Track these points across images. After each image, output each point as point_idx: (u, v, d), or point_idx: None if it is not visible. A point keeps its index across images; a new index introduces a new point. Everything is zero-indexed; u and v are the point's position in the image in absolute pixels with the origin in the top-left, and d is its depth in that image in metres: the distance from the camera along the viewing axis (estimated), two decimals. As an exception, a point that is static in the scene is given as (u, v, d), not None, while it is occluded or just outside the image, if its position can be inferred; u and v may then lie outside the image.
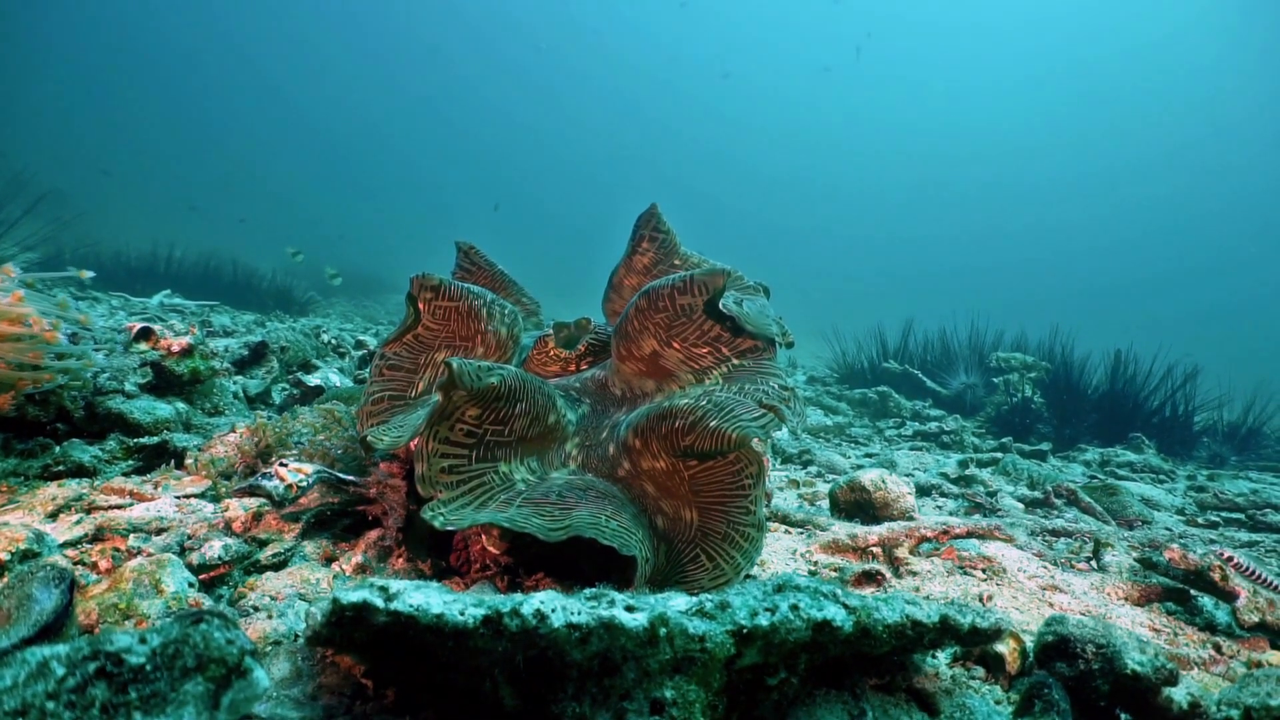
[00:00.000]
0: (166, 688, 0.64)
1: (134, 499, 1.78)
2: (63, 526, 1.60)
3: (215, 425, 2.40)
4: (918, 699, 1.21)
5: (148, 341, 2.40)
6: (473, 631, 0.91)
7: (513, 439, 1.54)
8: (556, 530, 1.31)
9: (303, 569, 1.53)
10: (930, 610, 1.09)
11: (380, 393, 1.79)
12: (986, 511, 2.94)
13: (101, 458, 2.00)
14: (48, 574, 1.00)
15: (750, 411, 1.44)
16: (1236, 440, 6.57)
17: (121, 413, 2.14)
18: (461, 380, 1.41)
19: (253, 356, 3.36)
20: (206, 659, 0.67)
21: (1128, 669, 1.16)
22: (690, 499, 1.48)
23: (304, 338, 4.57)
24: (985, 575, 1.92)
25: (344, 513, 1.79)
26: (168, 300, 7.46)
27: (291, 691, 1.09)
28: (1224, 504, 3.70)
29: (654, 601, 0.97)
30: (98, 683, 0.63)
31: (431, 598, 0.93)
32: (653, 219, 2.11)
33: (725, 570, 1.42)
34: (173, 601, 1.29)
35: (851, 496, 2.41)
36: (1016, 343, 8.19)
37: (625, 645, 0.91)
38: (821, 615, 0.98)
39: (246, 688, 0.70)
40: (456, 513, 1.40)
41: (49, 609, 0.93)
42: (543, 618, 0.91)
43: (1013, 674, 1.31)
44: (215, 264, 11.61)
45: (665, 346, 1.70)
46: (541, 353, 1.94)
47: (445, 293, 1.81)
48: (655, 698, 0.93)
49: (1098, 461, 5.20)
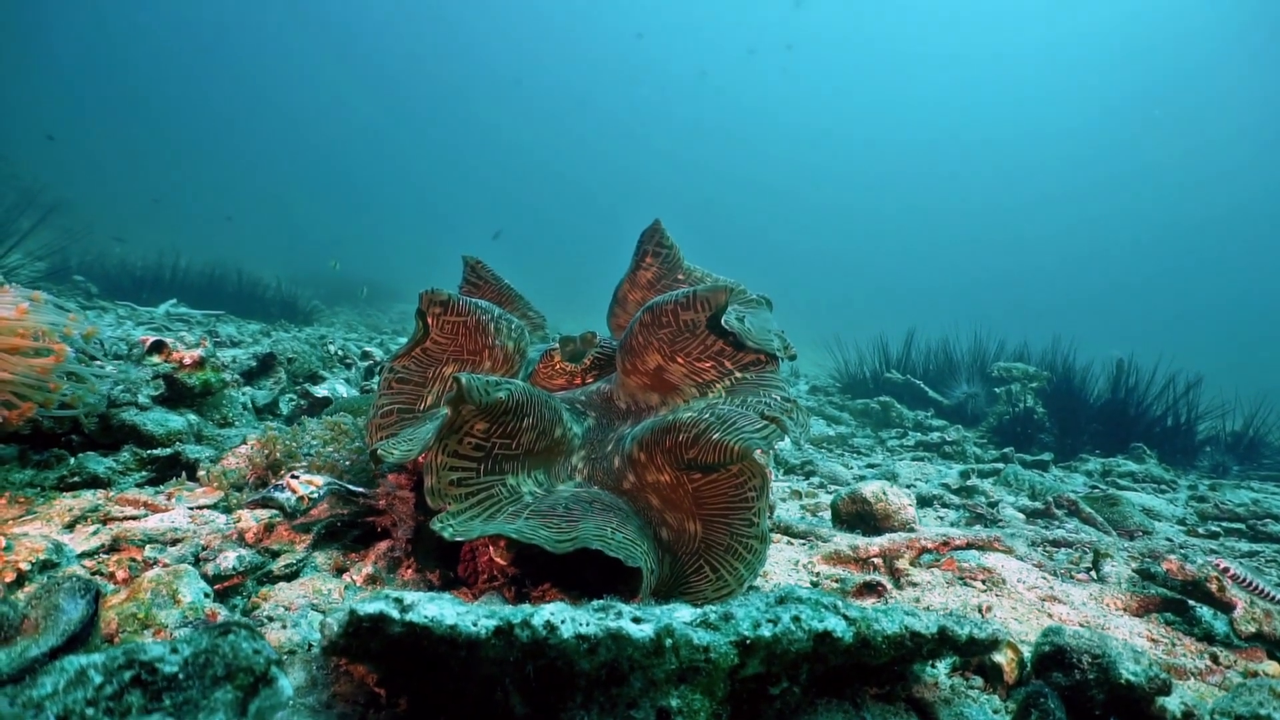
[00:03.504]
0: (198, 695, 0.67)
1: (148, 510, 1.82)
2: (80, 537, 1.63)
3: (226, 437, 2.44)
4: (917, 708, 1.24)
5: (160, 354, 2.44)
6: (485, 642, 0.94)
7: (520, 452, 1.57)
8: (564, 542, 1.34)
9: (314, 579, 1.56)
10: (929, 621, 1.11)
11: (389, 406, 1.82)
12: (988, 522, 2.96)
13: (116, 469, 2.04)
14: (73, 585, 1.03)
15: (753, 424, 1.47)
16: (1239, 450, 6.58)
17: (135, 425, 2.18)
18: (470, 395, 1.44)
19: (260, 368, 3.40)
20: (235, 668, 0.70)
21: (1122, 679, 1.19)
22: (694, 511, 1.51)
23: (310, 348, 4.61)
24: (985, 586, 1.94)
25: (353, 524, 1.82)
26: (174, 310, 7.52)
27: (307, 700, 1.12)
28: (1225, 514, 3.72)
29: (660, 613, 1.00)
30: (133, 690, 0.66)
31: (445, 609, 0.96)
32: (656, 234, 2.15)
33: (729, 582, 1.45)
34: (189, 612, 1.32)
35: (853, 508, 2.43)
36: (1018, 353, 8.21)
37: (632, 655, 0.94)
38: (822, 626, 1.01)
39: (272, 696, 0.73)
40: (465, 524, 1.43)
41: (76, 619, 0.96)
42: (553, 629, 0.94)
43: (1010, 684, 1.33)
44: (220, 273, 11.67)
45: (669, 361, 1.73)
46: (548, 366, 1.98)
47: (453, 308, 1.84)
48: (661, 706, 0.96)
49: (1099, 471, 5.21)
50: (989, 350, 8.36)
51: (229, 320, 7.94)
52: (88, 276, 8.92)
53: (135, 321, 6.15)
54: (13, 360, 1.90)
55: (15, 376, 1.87)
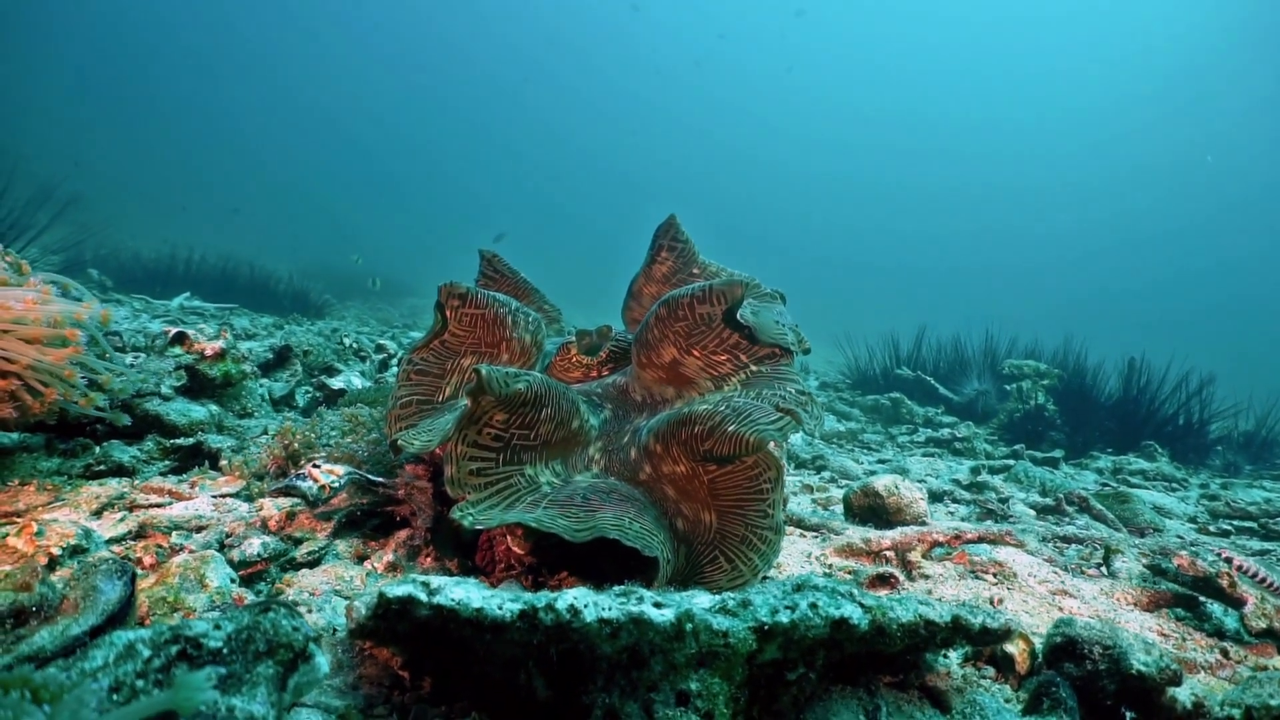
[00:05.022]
0: (242, 669, 0.70)
1: (173, 498, 1.85)
2: (107, 524, 1.67)
3: (246, 427, 2.48)
4: (930, 696, 1.26)
5: (183, 345, 2.48)
6: (509, 625, 0.97)
7: (538, 443, 1.59)
8: (582, 531, 1.36)
9: (336, 566, 1.59)
10: (943, 610, 1.13)
11: (408, 397, 1.85)
12: (998, 518, 2.97)
13: (140, 458, 2.08)
14: (110, 567, 1.06)
15: (767, 416, 1.49)
16: (1252, 450, 6.54)
17: (159, 414, 2.22)
18: (490, 386, 1.47)
19: (277, 360, 3.44)
20: (275, 644, 0.73)
21: (1133, 669, 1.20)
22: (709, 502, 1.54)
23: (324, 340, 4.65)
24: (996, 579, 1.96)
25: (373, 513, 1.85)
26: (187, 303, 7.58)
27: (334, 681, 1.15)
28: (1236, 512, 3.71)
29: (680, 598, 1.03)
30: (180, 664, 0.69)
31: (471, 593, 0.99)
32: (671, 229, 2.17)
33: (743, 572, 1.47)
34: (217, 596, 1.36)
35: (865, 501, 2.45)
36: (1030, 350, 8.19)
37: (653, 639, 0.97)
38: (839, 613, 1.03)
39: (310, 671, 0.76)
40: (485, 513, 1.46)
41: (114, 599, 0.99)
42: (576, 612, 0.96)
43: (1022, 674, 1.35)
44: (233, 266, 11.75)
45: (685, 354, 1.75)
46: (564, 359, 2.00)
47: (471, 300, 1.87)
48: (681, 689, 0.98)
49: (1110, 469, 5.20)
50: (1000, 347, 8.34)
51: (242, 313, 8.01)
52: (102, 270, 9.01)
53: (151, 314, 6.21)
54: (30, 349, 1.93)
55: (35, 363, 1.90)
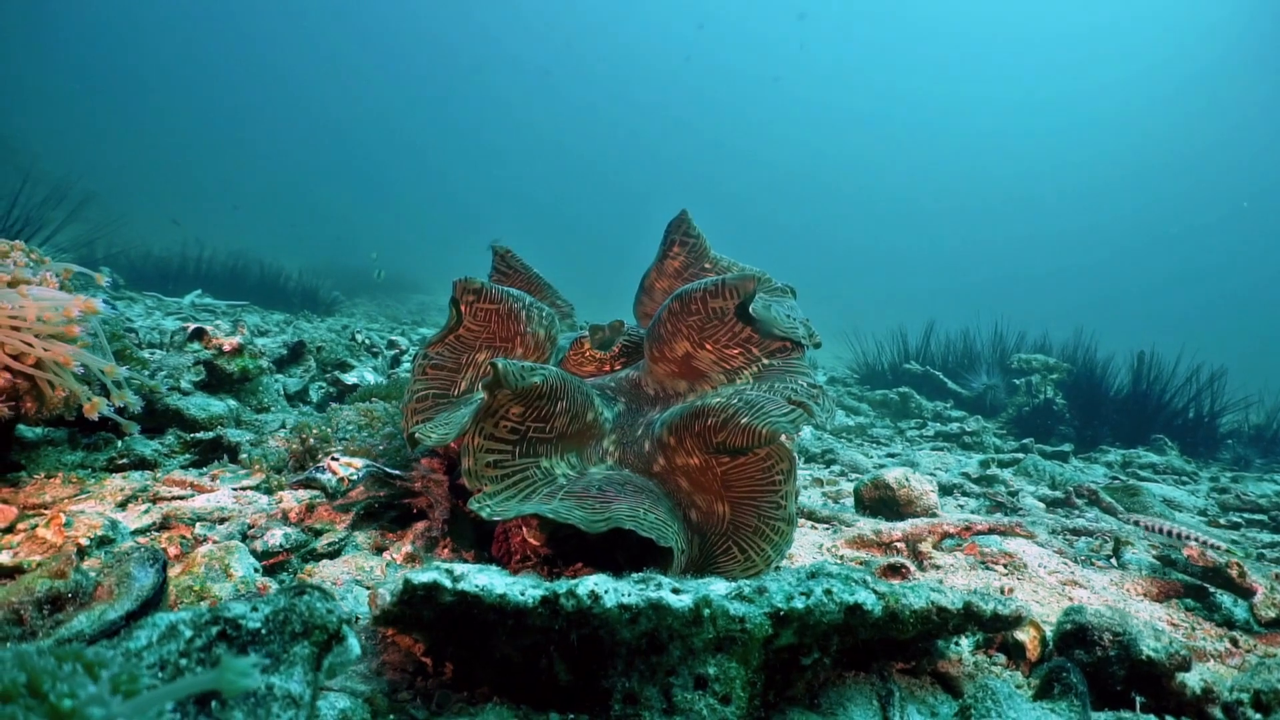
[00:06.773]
0: (279, 650, 0.73)
1: (195, 490, 1.89)
2: (132, 515, 1.71)
3: (263, 421, 2.52)
4: (942, 682, 1.28)
5: (201, 341, 2.52)
6: (532, 610, 0.99)
7: (554, 435, 1.62)
8: (598, 522, 1.39)
9: (356, 557, 1.62)
10: (954, 597, 1.15)
11: (424, 391, 1.87)
12: (1008, 511, 2.98)
13: (162, 451, 2.12)
14: (143, 555, 1.09)
15: (780, 408, 1.51)
16: (1262, 443, 6.52)
17: (179, 409, 2.26)
18: (506, 379, 1.49)
19: (291, 355, 3.48)
20: (311, 625, 0.76)
21: (1143, 655, 1.22)
22: (722, 494, 1.56)
23: (335, 336, 4.69)
24: (1006, 570, 1.97)
25: (390, 505, 1.89)
26: (199, 300, 7.65)
27: (358, 667, 1.18)
28: (1247, 505, 3.71)
29: (697, 585, 1.05)
30: (220, 644, 0.72)
31: (494, 579, 1.01)
32: (683, 224, 2.18)
33: (756, 562, 1.49)
34: (241, 585, 1.39)
35: (876, 494, 2.47)
36: (1039, 344, 8.16)
37: (672, 625, 0.99)
38: (853, 599, 1.05)
39: (344, 653, 0.78)
40: (502, 504, 1.49)
41: (148, 585, 1.02)
42: (596, 598, 0.99)
43: (1033, 661, 1.37)
44: (243, 264, 11.83)
45: (698, 348, 1.77)
46: (578, 353, 2.02)
47: (486, 295, 1.89)
48: (699, 674, 1.01)
49: (1119, 463, 5.20)
50: (1009, 342, 8.33)
51: (253, 310, 8.08)
52: (114, 268, 9.05)
53: (164, 312, 6.27)
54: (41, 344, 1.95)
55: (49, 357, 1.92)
